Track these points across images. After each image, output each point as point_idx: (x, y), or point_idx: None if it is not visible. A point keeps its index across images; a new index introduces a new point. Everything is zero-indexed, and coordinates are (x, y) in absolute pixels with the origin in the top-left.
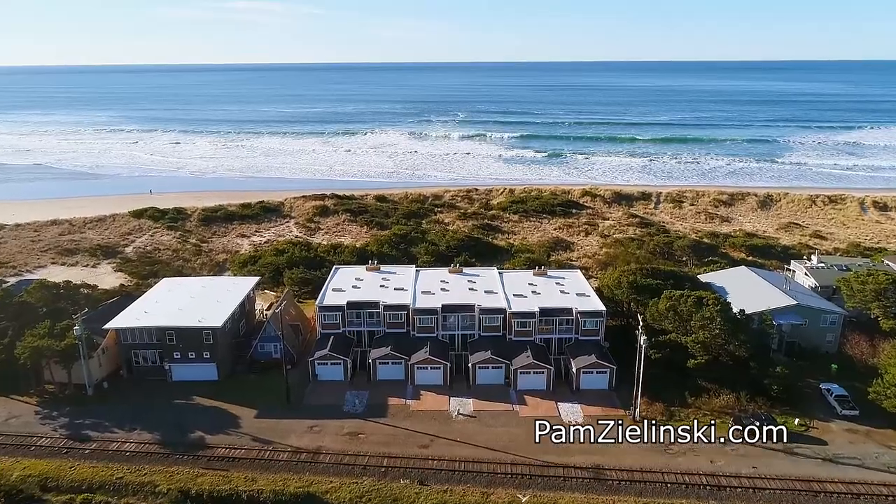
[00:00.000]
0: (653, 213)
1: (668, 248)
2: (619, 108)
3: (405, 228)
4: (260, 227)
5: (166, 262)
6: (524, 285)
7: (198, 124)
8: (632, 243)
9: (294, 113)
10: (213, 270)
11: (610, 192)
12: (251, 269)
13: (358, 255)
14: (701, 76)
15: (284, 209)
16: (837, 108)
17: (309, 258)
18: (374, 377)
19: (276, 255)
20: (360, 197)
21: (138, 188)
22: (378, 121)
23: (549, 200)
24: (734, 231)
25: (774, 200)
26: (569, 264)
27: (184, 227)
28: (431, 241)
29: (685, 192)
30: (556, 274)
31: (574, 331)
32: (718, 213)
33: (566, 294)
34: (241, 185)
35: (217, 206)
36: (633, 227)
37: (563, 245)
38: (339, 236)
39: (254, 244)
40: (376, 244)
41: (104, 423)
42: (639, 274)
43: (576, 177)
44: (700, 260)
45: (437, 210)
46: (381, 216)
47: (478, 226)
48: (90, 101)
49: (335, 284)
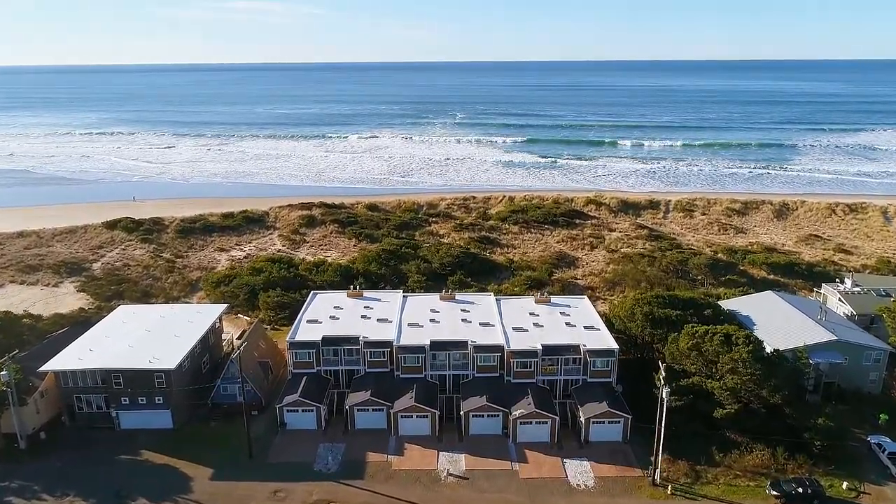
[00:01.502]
0: (662, 223)
1: (682, 265)
2: (621, 109)
3: (396, 242)
4: (241, 240)
5: (134, 282)
6: (525, 315)
7: (189, 126)
8: (642, 260)
9: (288, 114)
10: (185, 291)
11: (616, 200)
12: (224, 291)
13: (342, 275)
14: (703, 76)
15: (269, 219)
16: (844, 108)
17: (288, 278)
18: (352, 426)
19: (252, 275)
20: (350, 205)
21: (121, 194)
22: (374, 122)
23: (552, 210)
24: (750, 244)
25: (791, 209)
26: (573, 284)
27: (159, 240)
28: (424, 258)
29: (695, 199)
30: (560, 301)
31: (582, 371)
32: (732, 224)
33: (572, 327)
34: (227, 191)
35: (197, 216)
36: (642, 239)
37: (566, 261)
38: (325, 250)
39: (232, 259)
40: (363, 261)
41: (33, 487)
42: (654, 303)
43: (578, 182)
44: (717, 279)
45: (432, 220)
46: (371, 227)
47: (475, 238)
48: (82, 102)
49: (311, 314)
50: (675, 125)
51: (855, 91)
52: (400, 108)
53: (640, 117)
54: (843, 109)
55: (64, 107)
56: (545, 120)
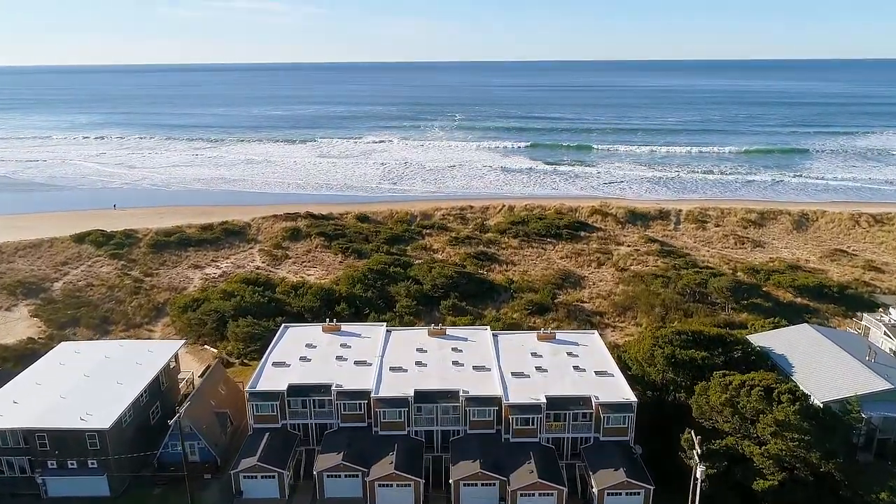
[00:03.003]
0: (673, 235)
1: (700, 288)
2: (624, 110)
3: (385, 259)
4: (218, 255)
5: (95, 305)
6: (526, 356)
7: (181, 129)
8: (655, 281)
9: (283, 115)
10: (149, 316)
11: (623, 210)
12: (191, 318)
13: (323, 299)
14: (706, 76)
15: (250, 232)
16: (850, 109)
17: (262, 304)
18: (321, 494)
19: (223, 299)
20: (338, 216)
21: (102, 202)
22: (370, 124)
23: (554, 221)
24: (771, 260)
25: (811, 220)
26: (580, 308)
27: (129, 256)
28: (414, 279)
29: (708, 209)
30: (567, 338)
31: (594, 428)
32: (749, 236)
33: (581, 372)
34: (213, 199)
35: (174, 228)
36: (654, 255)
37: (571, 280)
38: (308, 268)
39: (206, 278)
40: (347, 282)
41: None
42: (676, 343)
43: (582, 188)
44: (738, 302)
45: (426, 232)
46: (359, 241)
47: (471, 254)
48: (74, 103)
49: (278, 355)
50: (679, 127)
51: (859, 91)
52: (398, 109)
53: (644, 119)
54: (849, 111)
55: (55, 108)
56: (546, 122)
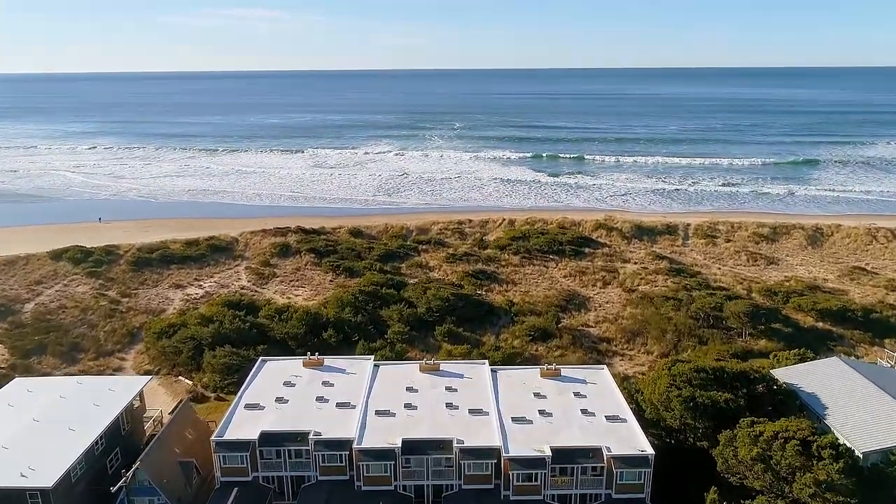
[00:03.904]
0: (682, 251)
1: (715, 311)
2: (626, 119)
3: (377, 279)
4: (202, 273)
5: (65, 330)
6: (528, 397)
7: (176, 139)
8: (666, 303)
9: (279, 124)
10: (121, 343)
11: (628, 224)
12: (166, 345)
13: (309, 324)
14: (707, 83)
15: (237, 247)
16: (855, 118)
17: (243, 330)
18: None
19: (200, 325)
20: (331, 230)
21: (87, 214)
22: (368, 133)
23: (557, 236)
24: (787, 279)
25: (825, 235)
26: (585, 333)
27: (108, 274)
28: (408, 301)
29: (717, 223)
30: (573, 374)
31: (605, 484)
32: (761, 253)
33: (590, 416)
34: (202, 211)
35: (157, 244)
36: (663, 274)
37: (575, 301)
38: (296, 287)
39: (187, 299)
40: (336, 306)
41: None
42: (696, 382)
43: (584, 200)
44: (756, 327)
45: (422, 248)
46: (352, 258)
47: (469, 273)
48: (70, 111)
49: (252, 395)
50: (682, 136)
51: (860, 99)
52: (396, 117)
53: (646, 127)
54: (853, 119)
55: (49, 116)
56: (547, 131)
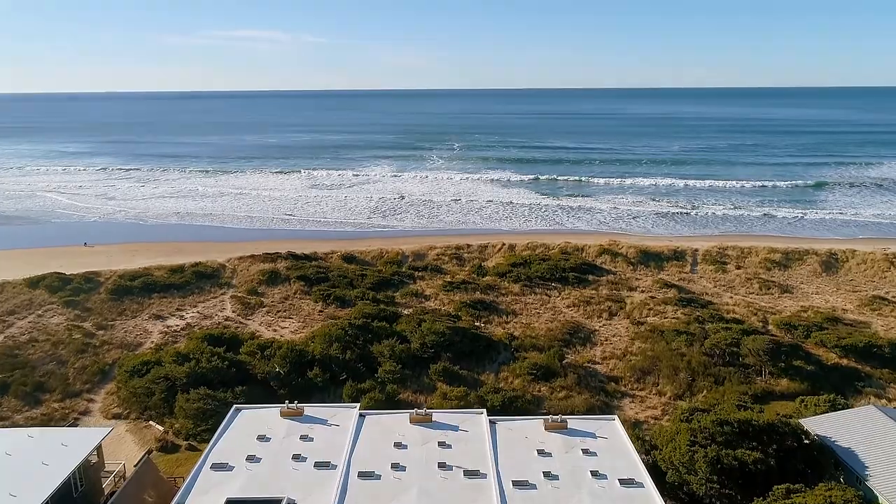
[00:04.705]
0: (690, 278)
1: (732, 348)
2: (627, 139)
3: (369, 310)
4: (185, 303)
5: (32, 367)
6: (531, 456)
7: (171, 160)
8: (678, 338)
9: (277, 144)
10: (91, 382)
11: (634, 249)
12: (137, 385)
13: (294, 363)
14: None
15: (224, 274)
16: (855, 138)
17: (221, 369)
18: None
19: (176, 363)
20: (323, 256)
21: (73, 238)
22: (366, 153)
23: (559, 262)
24: (803, 308)
25: (840, 261)
26: (591, 370)
27: (86, 304)
28: (401, 335)
29: (726, 248)
30: (580, 426)
31: None
32: (774, 280)
33: (602, 480)
34: (192, 234)
35: (140, 271)
36: (672, 304)
37: (580, 335)
38: (284, 318)
39: (167, 331)
40: (323, 341)
41: None
42: (720, 438)
43: (587, 223)
44: (776, 365)
45: (418, 275)
46: (343, 286)
47: (467, 302)
48: (66, 131)
49: (222, 451)
50: (684, 157)
51: (861, 118)
52: (395, 137)
53: (647, 148)
54: (854, 140)
55: (45, 136)
56: (547, 152)
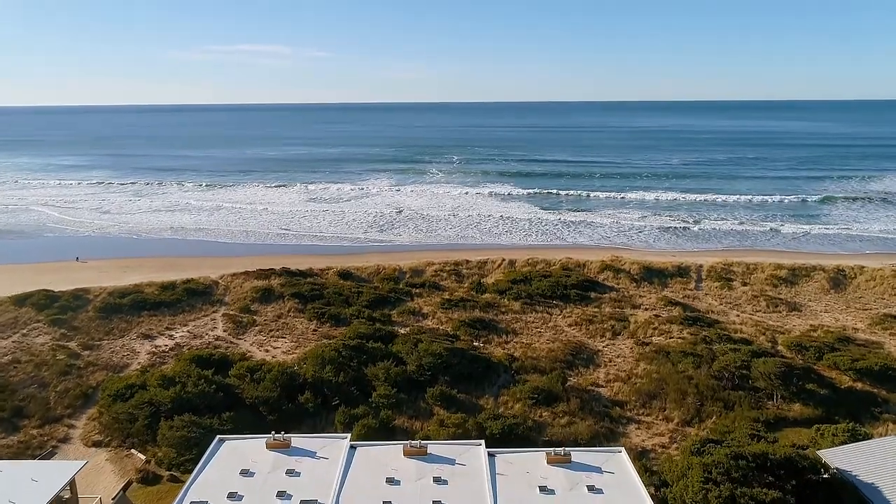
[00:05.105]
0: (695, 295)
1: (741, 370)
2: (627, 152)
3: (364, 330)
4: (175, 321)
5: (13, 390)
6: (532, 494)
7: (170, 173)
8: (684, 359)
9: (277, 156)
10: (73, 406)
11: (637, 265)
12: (120, 410)
13: (284, 386)
14: (707, 116)
15: (217, 291)
16: (856, 152)
17: (208, 394)
18: None
19: (161, 387)
20: (318, 272)
21: (66, 253)
22: (366, 166)
23: (561, 279)
24: (812, 328)
25: (848, 277)
26: (595, 394)
27: (73, 322)
28: (396, 356)
29: (731, 264)
30: (585, 459)
31: None
32: (781, 297)
33: None
34: (187, 249)
35: (131, 288)
36: (677, 323)
37: (583, 356)
38: (276, 338)
39: (155, 352)
40: (315, 363)
41: None
42: (735, 474)
43: (588, 237)
44: (788, 389)
45: (416, 292)
46: (338, 303)
47: (466, 321)
48: (67, 144)
49: (201, 489)
50: (684, 170)
51: (860, 131)
52: (395, 150)
53: (648, 161)
54: (855, 153)
55: (45, 149)
56: (548, 165)
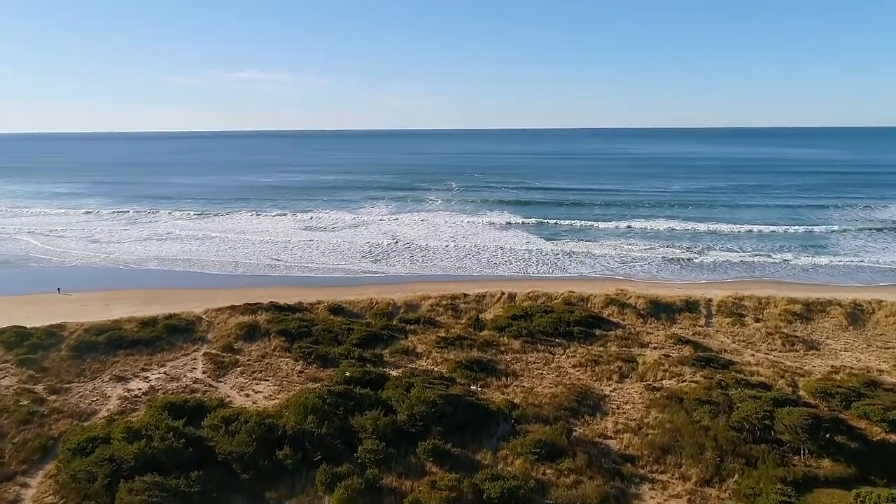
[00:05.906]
0: (706, 332)
1: (763, 421)
2: (627, 179)
3: (352, 373)
4: (152, 361)
5: None
6: None
7: (164, 201)
8: (700, 407)
9: (273, 183)
10: (30, 461)
11: (643, 300)
12: (78, 468)
13: (262, 440)
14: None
15: (199, 328)
16: (856, 179)
17: (176, 449)
18: None
19: (125, 440)
20: (308, 306)
21: (48, 284)
22: (363, 194)
23: (563, 314)
24: (834, 370)
25: (866, 312)
26: (604, 446)
27: (43, 362)
28: (386, 404)
29: (742, 298)
30: None
31: None
32: (797, 335)
33: None
34: (172, 281)
35: (109, 324)
36: (689, 364)
37: (589, 402)
38: (259, 380)
39: (127, 397)
40: (297, 411)
41: None
42: None
43: (590, 268)
44: (815, 443)
45: (410, 329)
46: (327, 341)
47: (463, 362)
48: (62, 171)
49: None
50: (687, 199)
51: (859, 159)
52: (393, 177)
53: (649, 188)
54: (857, 181)
55: (39, 176)
56: (548, 193)
